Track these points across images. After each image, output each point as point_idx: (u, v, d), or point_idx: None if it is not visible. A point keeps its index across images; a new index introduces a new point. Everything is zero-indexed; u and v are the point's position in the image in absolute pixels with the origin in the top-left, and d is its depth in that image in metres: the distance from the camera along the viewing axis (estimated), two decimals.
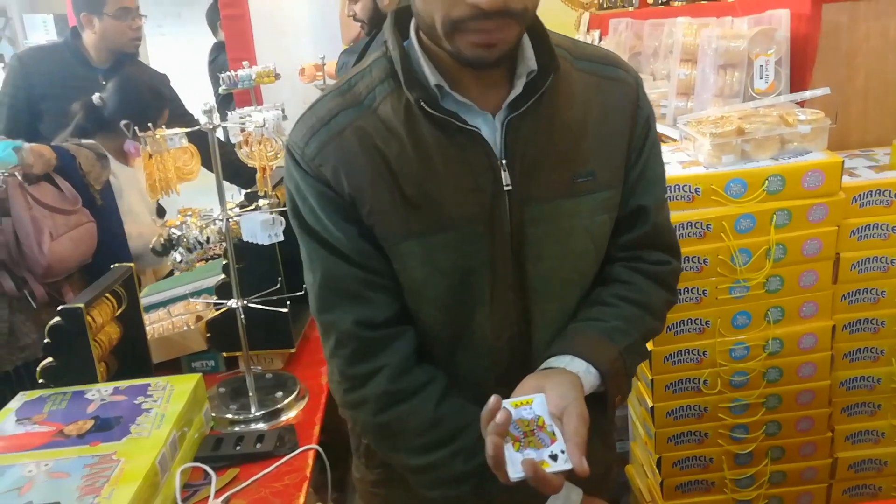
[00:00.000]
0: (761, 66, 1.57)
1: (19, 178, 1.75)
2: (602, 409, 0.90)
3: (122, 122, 2.13)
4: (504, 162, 0.87)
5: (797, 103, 1.54)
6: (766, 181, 1.41)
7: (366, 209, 0.87)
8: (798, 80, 1.59)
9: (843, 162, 1.41)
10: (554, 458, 0.76)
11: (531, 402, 0.81)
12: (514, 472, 0.75)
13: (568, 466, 0.75)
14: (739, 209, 1.42)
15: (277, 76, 1.82)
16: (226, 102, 3.14)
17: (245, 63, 1.83)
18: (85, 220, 1.90)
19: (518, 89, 0.87)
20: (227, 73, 1.74)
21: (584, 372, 0.86)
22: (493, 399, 0.78)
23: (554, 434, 0.78)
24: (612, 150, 0.92)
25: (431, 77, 0.85)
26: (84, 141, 2.04)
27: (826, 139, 1.46)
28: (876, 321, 1.52)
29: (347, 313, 0.88)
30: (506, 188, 0.87)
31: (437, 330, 0.93)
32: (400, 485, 1.03)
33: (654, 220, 0.97)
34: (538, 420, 0.79)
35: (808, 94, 1.50)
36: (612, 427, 1.17)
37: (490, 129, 0.88)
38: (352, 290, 0.88)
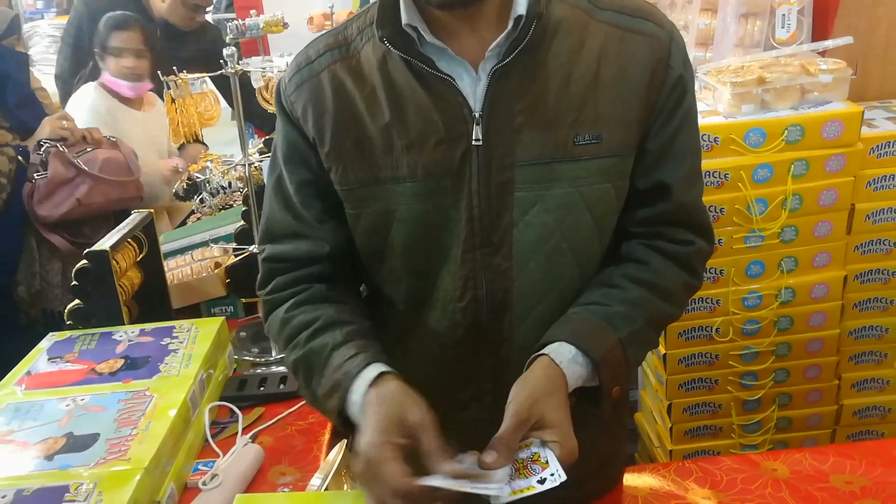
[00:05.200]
0: (784, 14, 1.55)
1: None
2: (596, 400, 0.83)
3: None
4: (478, 115, 0.81)
5: (818, 53, 1.53)
6: (786, 131, 1.41)
7: (325, 150, 0.86)
8: (819, 30, 1.58)
9: (862, 112, 1.41)
10: (542, 481, 0.73)
11: (530, 444, 0.77)
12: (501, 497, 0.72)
13: (559, 481, 0.72)
14: (758, 159, 1.43)
15: (286, 25, 1.79)
16: None
17: (253, 12, 1.81)
18: None
19: (503, 36, 0.80)
20: (235, 21, 1.72)
21: (569, 361, 0.80)
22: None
23: (547, 462, 0.74)
24: (625, 111, 0.83)
25: (405, 16, 0.80)
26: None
27: (847, 89, 1.46)
28: (887, 272, 1.54)
29: (270, 248, 0.94)
30: (475, 143, 0.81)
31: (402, 283, 0.90)
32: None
33: (678, 198, 0.87)
34: (533, 456, 0.75)
35: (830, 42, 1.49)
36: (622, 422, 1.07)
37: (471, 78, 0.82)
38: (279, 234, 0.93)
